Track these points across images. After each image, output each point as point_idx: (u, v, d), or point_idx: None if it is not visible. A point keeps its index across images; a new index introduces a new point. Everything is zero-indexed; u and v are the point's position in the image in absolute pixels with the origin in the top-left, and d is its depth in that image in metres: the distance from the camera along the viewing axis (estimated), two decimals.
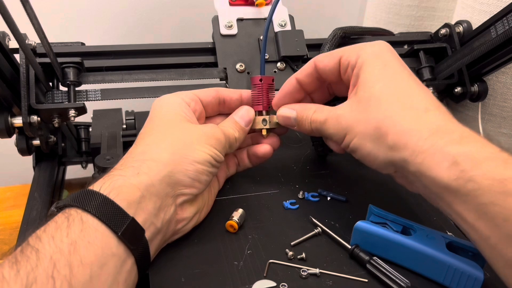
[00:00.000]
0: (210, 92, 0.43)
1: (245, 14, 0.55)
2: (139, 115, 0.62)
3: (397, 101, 0.34)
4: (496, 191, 0.27)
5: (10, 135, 0.48)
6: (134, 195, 0.32)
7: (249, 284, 0.34)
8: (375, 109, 0.34)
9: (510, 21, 0.49)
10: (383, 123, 0.33)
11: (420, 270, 0.35)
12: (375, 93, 0.35)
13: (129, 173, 0.33)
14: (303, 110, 0.41)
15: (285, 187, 0.46)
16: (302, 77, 0.41)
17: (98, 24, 0.76)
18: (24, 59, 0.45)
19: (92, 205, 0.30)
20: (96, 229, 0.30)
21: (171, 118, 0.38)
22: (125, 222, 0.31)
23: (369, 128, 0.34)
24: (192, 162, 0.35)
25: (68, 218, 0.30)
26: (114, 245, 0.30)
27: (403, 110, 0.33)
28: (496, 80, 0.60)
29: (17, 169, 0.64)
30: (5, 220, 0.58)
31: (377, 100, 0.34)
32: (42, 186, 0.52)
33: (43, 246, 0.28)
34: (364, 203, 0.41)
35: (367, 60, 0.36)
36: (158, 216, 0.34)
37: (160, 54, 0.53)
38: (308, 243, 0.38)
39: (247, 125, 0.42)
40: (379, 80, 0.35)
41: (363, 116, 0.35)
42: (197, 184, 0.36)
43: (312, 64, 0.40)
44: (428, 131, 0.32)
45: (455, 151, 0.30)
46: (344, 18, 0.88)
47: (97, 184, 0.33)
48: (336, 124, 0.37)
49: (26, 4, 0.38)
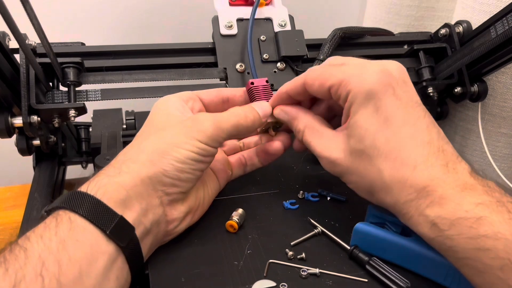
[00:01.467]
0: (211, 91, 0.43)
1: (245, 14, 0.55)
2: (139, 115, 0.62)
3: (387, 158, 0.34)
4: (470, 248, 0.30)
5: (10, 135, 0.48)
6: (120, 193, 0.32)
7: (249, 284, 0.34)
8: (366, 166, 0.35)
9: (510, 21, 0.49)
10: (375, 183, 0.34)
11: (420, 271, 0.35)
12: (367, 147, 0.34)
13: (111, 172, 0.34)
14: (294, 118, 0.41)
15: (285, 187, 0.46)
16: (292, 93, 0.40)
17: (98, 24, 0.76)
18: (24, 59, 0.45)
19: (79, 205, 0.30)
20: (84, 228, 0.30)
21: (163, 117, 0.38)
22: (114, 220, 0.31)
23: (362, 184, 0.36)
24: (170, 161, 0.34)
25: (56, 218, 0.30)
26: (104, 243, 0.30)
27: (394, 170, 0.33)
28: (496, 80, 0.60)
29: (17, 169, 0.64)
30: (5, 220, 0.58)
31: (369, 157, 0.34)
32: (42, 186, 0.52)
33: (31, 245, 0.28)
34: (363, 203, 0.41)
35: (357, 102, 0.35)
36: (146, 216, 0.34)
37: (160, 54, 0.53)
38: (308, 243, 0.38)
39: (264, 116, 0.41)
40: (370, 132, 0.34)
41: (356, 171, 0.36)
42: (179, 183, 0.35)
43: (301, 81, 0.39)
44: (414, 193, 0.32)
45: (434, 214, 0.31)
46: (344, 18, 0.88)
47: (84, 185, 0.33)
48: (330, 168, 0.38)
49: (26, 4, 0.38)
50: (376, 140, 0.34)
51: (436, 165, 0.33)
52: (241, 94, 0.43)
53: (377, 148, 0.34)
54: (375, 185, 0.34)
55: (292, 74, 0.54)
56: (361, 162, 0.35)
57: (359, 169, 0.35)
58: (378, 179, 0.34)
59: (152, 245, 0.35)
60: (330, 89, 0.37)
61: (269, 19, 0.56)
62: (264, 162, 0.45)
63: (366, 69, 0.35)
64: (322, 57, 0.53)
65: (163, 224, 0.36)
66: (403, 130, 0.34)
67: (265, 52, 0.54)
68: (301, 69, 0.54)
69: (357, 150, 0.35)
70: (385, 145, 0.34)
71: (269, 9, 0.56)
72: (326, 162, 0.38)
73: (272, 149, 0.43)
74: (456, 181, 0.32)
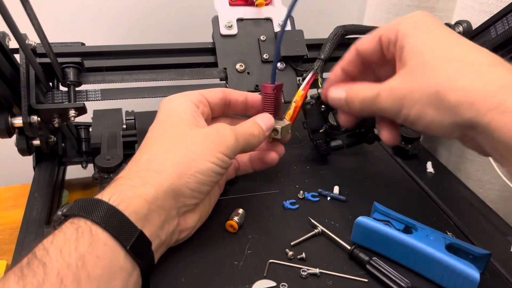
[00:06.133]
0: (217, 93, 0.42)
1: (245, 14, 0.55)
2: (139, 115, 0.62)
3: (454, 61, 0.31)
4: None
5: (10, 135, 0.47)
6: (143, 207, 0.32)
7: (249, 284, 0.34)
8: (431, 74, 0.32)
9: (510, 21, 0.49)
10: (444, 85, 0.31)
11: (418, 269, 0.35)
12: (428, 58, 0.32)
13: (136, 183, 0.33)
14: (352, 89, 0.38)
15: (285, 187, 0.46)
16: (346, 65, 0.40)
17: (98, 24, 0.76)
18: (24, 59, 0.45)
19: (102, 216, 0.30)
20: (105, 243, 0.29)
21: (179, 123, 0.37)
22: (134, 236, 0.30)
23: (429, 94, 0.32)
24: (194, 173, 0.34)
25: (77, 230, 0.29)
26: (122, 259, 0.30)
27: (464, 68, 0.31)
28: None
29: (17, 169, 0.64)
30: (5, 220, 0.58)
31: (432, 65, 0.32)
32: (42, 186, 0.52)
33: (50, 259, 0.27)
34: (364, 203, 0.41)
35: (409, 30, 0.34)
36: (163, 229, 0.34)
37: (160, 54, 0.53)
38: (308, 243, 0.38)
39: (267, 130, 0.41)
40: (429, 46, 0.33)
41: (419, 84, 0.32)
42: (198, 195, 0.36)
43: (353, 51, 0.39)
44: (495, 87, 0.29)
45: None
46: (344, 18, 0.87)
47: (106, 193, 0.32)
48: (390, 97, 0.34)
49: (26, 4, 0.38)
50: (438, 49, 0.32)
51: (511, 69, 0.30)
52: (243, 100, 0.43)
53: (439, 56, 0.32)
54: (443, 87, 0.31)
55: (292, 74, 0.54)
56: (424, 75, 0.32)
57: (422, 79, 0.32)
58: (445, 80, 0.31)
59: (162, 253, 0.35)
60: (381, 38, 0.36)
61: (269, 19, 0.56)
62: (257, 169, 0.46)
63: (405, 16, 0.36)
64: (323, 56, 0.53)
65: (176, 234, 0.36)
66: (464, 41, 0.33)
67: (265, 52, 0.54)
68: (301, 69, 0.54)
69: (418, 65, 0.33)
70: (450, 52, 0.32)
71: (269, 9, 0.56)
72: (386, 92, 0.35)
73: (269, 158, 0.44)
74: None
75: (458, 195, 0.48)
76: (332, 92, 0.40)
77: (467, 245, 0.36)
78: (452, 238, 0.37)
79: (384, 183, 0.48)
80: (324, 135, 0.48)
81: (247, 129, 0.39)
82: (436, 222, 0.42)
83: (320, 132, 0.48)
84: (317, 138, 0.49)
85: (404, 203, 0.44)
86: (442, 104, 0.31)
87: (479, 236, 0.41)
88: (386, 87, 0.35)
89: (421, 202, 0.46)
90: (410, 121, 0.34)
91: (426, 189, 0.48)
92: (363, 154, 0.54)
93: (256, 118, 0.41)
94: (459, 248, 0.36)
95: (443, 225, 0.42)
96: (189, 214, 0.36)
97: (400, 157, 0.54)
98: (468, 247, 0.36)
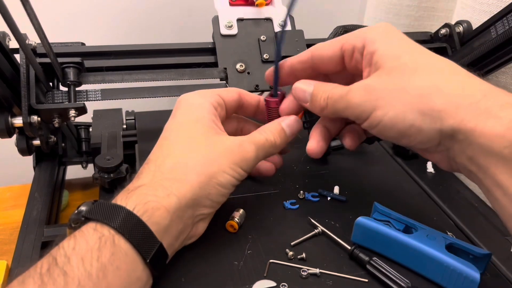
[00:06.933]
0: (233, 94, 0.41)
1: (245, 14, 0.55)
2: (139, 115, 0.62)
3: (436, 68, 0.31)
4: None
5: (10, 135, 0.47)
6: (165, 219, 0.32)
7: (249, 284, 0.34)
8: (413, 77, 0.31)
9: (510, 21, 0.49)
10: (428, 90, 0.30)
11: (418, 269, 0.35)
12: (406, 61, 0.32)
13: (160, 194, 0.32)
14: (321, 85, 0.37)
15: (285, 187, 0.46)
16: (295, 63, 0.39)
17: (98, 24, 0.76)
18: (24, 59, 0.45)
19: (125, 226, 0.29)
20: (127, 254, 0.29)
21: (201, 129, 0.36)
22: (154, 248, 0.30)
23: (411, 97, 0.31)
24: (215, 185, 0.34)
25: (100, 239, 0.29)
26: (140, 270, 0.30)
27: (447, 76, 0.31)
28: (497, 80, 0.60)
29: (17, 169, 0.64)
30: (5, 220, 0.57)
31: (412, 69, 0.31)
32: (42, 186, 0.52)
33: (72, 269, 0.27)
34: (364, 203, 0.41)
35: (378, 37, 0.34)
36: (178, 239, 0.34)
37: (160, 54, 0.53)
38: (308, 243, 0.38)
39: (292, 135, 0.40)
40: (404, 51, 0.33)
41: (400, 85, 0.31)
42: (216, 205, 0.36)
43: (309, 53, 0.38)
44: (479, 94, 0.29)
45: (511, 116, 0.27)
46: (344, 18, 0.87)
47: (130, 201, 0.31)
48: (363, 95, 0.33)
49: (26, 4, 0.38)
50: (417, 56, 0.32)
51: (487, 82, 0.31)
52: (255, 103, 0.42)
53: (418, 62, 0.32)
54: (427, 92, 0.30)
55: None
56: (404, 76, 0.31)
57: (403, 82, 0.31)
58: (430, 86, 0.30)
59: None
60: (342, 46, 0.36)
61: (269, 19, 0.56)
62: (253, 175, 0.45)
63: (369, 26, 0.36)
64: None
65: (186, 240, 0.36)
66: (433, 54, 0.33)
67: (265, 52, 0.54)
68: None
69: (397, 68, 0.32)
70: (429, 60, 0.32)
71: (269, 9, 0.56)
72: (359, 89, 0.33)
73: (265, 170, 0.44)
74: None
75: (458, 195, 0.48)
76: (300, 83, 0.38)
77: (467, 245, 0.36)
78: (452, 238, 0.37)
79: (384, 183, 0.48)
80: None
81: (270, 137, 0.38)
82: (436, 222, 0.42)
83: None
84: None
85: (404, 203, 0.44)
86: (425, 109, 0.30)
87: (479, 236, 0.41)
88: (360, 84, 0.34)
89: (421, 202, 0.46)
90: (383, 124, 0.32)
91: (426, 189, 0.48)
92: (363, 154, 0.54)
93: (283, 122, 0.39)
94: (459, 248, 0.36)
95: (443, 225, 0.42)
96: (201, 222, 0.36)
97: (400, 157, 0.54)
98: (468, 247, 0.36)
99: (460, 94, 0.30)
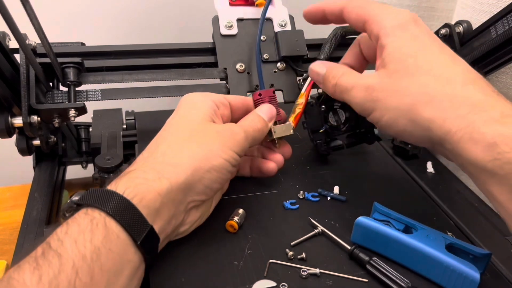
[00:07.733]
0: (240, 98, 0.43)
1: (245, 14, 0.55)
2: (139, 115, 0.62)
3: (432, 75, 0.32)
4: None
5: (10, 135, 0.47)
6: (156, 202, 0.32)
7: (249, 284, 0.34)
8: (409, 83, 0.33)
9: (510, 21, 0.49)
10: (419, 99, 0.32)
11: (418, 269, 0.35)
12: (408, 66, 0.33)
13: (151, 177, 0.33)
14: (333, 69, 0.39)
15: (285, 187, 0.46)
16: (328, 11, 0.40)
17: (98, 24, 0.76)
18: (24, 59, 0.45)
19: (116, 209, 0.30)
20: (118, 236, 0.30)
21: (197, 118, 0.38)
22: (145, 230, 0.31)
23: (404, 104, 0.33)
24: (209, 169, 0.35)
25: (92, 222, 0.29)
26: (131, 253, 0.30)
27: (440, 85, 0.32)
28: (496, 80, 0.60)
29: (17, 169, 0.64)
30: (5, 220, 0.58)
31: (411, 74, 0.33)
32: (42, 186, 0.52)
33: (66, 250, 0.27)
34: (364, 203, 0.41)
35: (392, 32, 0.34)
36: (170, 223, 0.34)
37: (160, 54, 0.53)
38: (308, 243, 0.38)
39: (269, 120, 0.42)
40: (410, 53, 0.33)
41: (396, 91, 0.33)
42: (209, 191, 0.36)
43: (340, 8, 0.39)
44: (466, 107, 0.30)
45: (494, 131, 0.28)
46: None
47: (120, 185, 0.32)
48: (364, 95, 0.35)
49: (26, 4, 0.38)
50: (419, 59, 0.33)
51: (488, 86, 0.31)
52: None
53: (419, 66, 0.33)
54: (418, 101, 0.32)
55: (292, 74, 0.54)
56: (402, 81, 0.33)
57: (399, 87, 0.33)
58: (422, 94, 0.32)
59: (163, 247, 0.35)
60: (366, 23, 0.36)
61: (269, 19, 0.56)
62: (254, 175, 0.46)
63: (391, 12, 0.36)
64: (322, 57, 0.53)
65: (178, 228, 0.36)
66: (445, 54, 0.34)
67: (265, 52, 0.54)
68: (301, 69, 0.54)
69: (398, 71, 0.33)
70: (429, 64, 0.33)
71: (269, 9, 0.56)
72: (361, 88, 0.35)
73: (265, 169, 0.44)
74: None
75: (458, 195, 0.48)
76: (316, 65, 0.42)
77: (467, 245, 0.36)
78: (452, 238, 0.37)
79: (384, 183, 0.48)
80: (324, 135, 0.49)
81: (252, 124, 0.40)
82: (436, 222, 0.42)
83: (320, 132, 0.48)
84: (317, 138, 0.49)
85: (404, 203, 0.44)
86: (415, 118, 0.32)
87: (479, 236, 0.41)
88: (362, 85, 0.36)
89: (421, 202, 0.46)
90: (381, 124, 0.35)
91: (426, 189, 0.48)
92: (363, 154, 0.54)
93: (257, 110, 0.42)
94: (459, 248, 0.36)
95: (443, 225, 0.42)
96: (194, 210, 0.36)
97: (400, 157, 0.54)
98: (468, 247, 0.36)
99: (449, 106, 0.31)
